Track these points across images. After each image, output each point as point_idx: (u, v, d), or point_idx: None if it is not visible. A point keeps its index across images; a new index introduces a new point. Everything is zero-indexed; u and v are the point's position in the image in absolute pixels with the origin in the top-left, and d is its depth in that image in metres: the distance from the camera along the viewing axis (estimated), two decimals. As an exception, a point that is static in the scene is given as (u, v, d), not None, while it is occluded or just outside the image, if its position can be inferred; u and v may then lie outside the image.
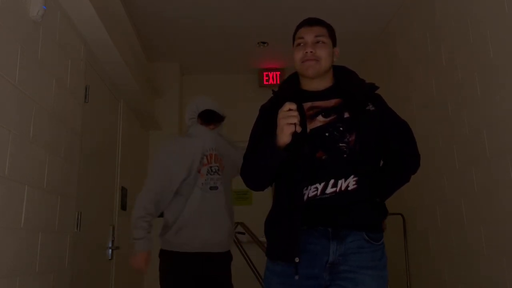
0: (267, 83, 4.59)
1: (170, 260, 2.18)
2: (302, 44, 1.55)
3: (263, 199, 4.65)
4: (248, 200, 4.61)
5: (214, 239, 2.17)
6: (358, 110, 1.50)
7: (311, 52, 1.51)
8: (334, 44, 1.60)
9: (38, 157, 1.99)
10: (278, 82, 4.58)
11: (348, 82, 1.58)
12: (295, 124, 1.36)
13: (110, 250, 3.05)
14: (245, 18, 3.72)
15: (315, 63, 1.52)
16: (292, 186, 1.46)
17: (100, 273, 2.97)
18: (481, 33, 2.46)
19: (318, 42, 1.53)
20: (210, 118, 2.32)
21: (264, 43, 4.14)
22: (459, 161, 2.72)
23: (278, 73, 4.63)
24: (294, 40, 1.60)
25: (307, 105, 1.52)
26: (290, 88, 1.59)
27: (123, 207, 3.47)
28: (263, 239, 3.87)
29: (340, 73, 1.61)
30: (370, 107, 1.51)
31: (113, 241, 3.07)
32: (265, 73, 4.61)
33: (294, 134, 1.38)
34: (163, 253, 2.22)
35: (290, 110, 1.37)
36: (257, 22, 3.79)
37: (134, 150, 3.92)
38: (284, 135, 1.37)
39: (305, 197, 1.44)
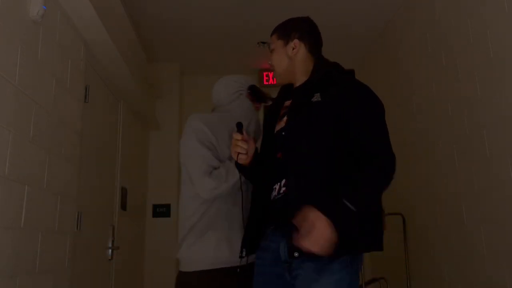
0: (267, 83, 4.59)
1: None
2: None
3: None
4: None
5: None
6: (293, 106, 1.48)
7: (270, 63, 1.65)
8: (287, 39, 1.59)
9: (38, 157, 1.99)
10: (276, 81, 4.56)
11: (312, 76, 1.53)
12: (239, 153, 1.49)
13: (110, 250, 3.05)
14: (245, 18, 3.72)
15: (274, 72, 1.64)
16: (258, 185, 1.56)
17: (100, 273, 2.97)
18: (481, 33, 2.46)
19: (270, 51, 1.64)
20: (262, 95, 1.88)
21: (264, 43, 4.13)
22: (459, 160, 2.72)
23: (278, 73, 4.62)
24: None
25: (287, 103, 1.57)
26: (285, 89, 1.66)
27: (123, 207, 3.47)
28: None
29: (317, 67, 1.55)
30: (315, 98, 1.41)
31: (113, 241, 3.07)
32: (265, 73, 4.61)
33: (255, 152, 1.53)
34: None
35: (236, 140, 1.49)
36: (257, 22, 3.79)
37: (134, 150, 3.92)
38: (238, 160, 1.51)
39: (271, 197, 1.46)
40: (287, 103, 1.56)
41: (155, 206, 4.28)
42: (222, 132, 1.69)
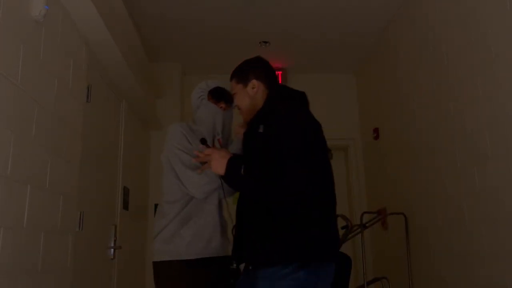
0: (268, 83, 4.59)
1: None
2: None
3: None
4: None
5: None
6: (247, 136, 1.72)
7: (235, 105, 1.85)
8: (246, 82, 1.78)
9: (40, 157, 2.00)
10: (280, 82, 4.57)
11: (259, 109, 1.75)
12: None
13: (112, 250, 3.05)
14: (246, 18, 3.73)
15: (240, 111, 1.81)
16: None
17: (102, 272, 2.98)
18: (482, 32, 2.45)
19: (233, 94, 1.83)
20: (221, 95, 2.03)
21: (265, 42, 4.15)
22: (461, 160, 2.72)
23: (279, 72, 4.63)
24: None
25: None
26: None
27: (125, 206, 3.48)
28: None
29: (266, 101, 1.75)
30: (260, 129, 1.63)
31: (115, 241, 3.08)
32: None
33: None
34: None
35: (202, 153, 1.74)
36: (259, 22, 3.79)
37: (136, 150, 3.93)
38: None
39: None
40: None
41: (157, 206, 4.28)
42: (195, 140, 1.88)
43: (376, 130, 4.27)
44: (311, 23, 3.82)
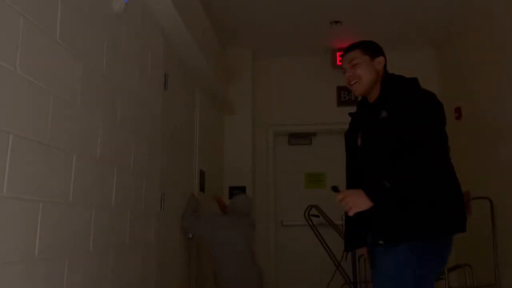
0: (340, 63, 4.47)
1: None
2: (344, 71, 1.86)
3: (337, 183, 4.59)
4: (322, 183, 4.58)
5: None
6: (368, 122, 1.76)
7: (350, 75, 1.80)
8: (373, 55, 1.81)
9: (125, 141, 2.15)
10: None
11: (382, 92, 1.78)
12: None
13: (191, 230, 3.21)
14: (317, -2, 3.64)
15: (358, 82, 1.78)
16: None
17: (182, 250, 3.15)
18: None
19: (354, 65, 1.79)
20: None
21: (337, 22, 4.03)
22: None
23: (352, 52, 4.48)
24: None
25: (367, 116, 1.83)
26: (361, 103, 1.92)
27: (202, 189, 3.63)
28: (337, 221, 3.84)
29: (385, 83, 1.80)
30: (383, 115, 1.68)
31: (193, 221, 3.22)
32: (338, 53, 4.48)
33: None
34: None
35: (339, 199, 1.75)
36: (329, 1, 3.69)
37: (211, 135, 4.06)
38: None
39: None
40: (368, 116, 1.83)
41: (231, 188, 4.42)
42: None
43: (458, 109, 3.99)
44: (385, -2, 3.64)
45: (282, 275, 4.45)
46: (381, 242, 1.68)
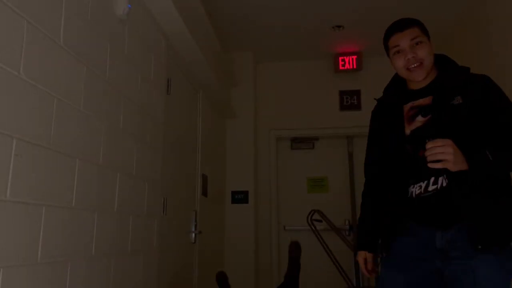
0: (343, 68, 4.48)
1: None
2: (399, 51, 1.58)
3: (339, 187, 4.59)
4: (324, 188, 4.57)
5: None
6: (439, 108, 1.52)
7: (413, 57, 1.55)
8: (429, 36, 1.61)
9: (127, 146, 2.15)
10: (355, 66, 4.44)
11: (444, 74, 1.59)
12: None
13: (194, 234, 3.21)
14: (318, 2, 3.65)
15: (420, 66, 1.55)
16: (399, 184, 1.59)
17: (185, 255, 3.15)
18: None
19: (416, 44, 1.56)
20: None
21: (339, 26, 4.04)
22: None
23: (354, 57, 4.49)
24: (387, 47, 1.65)
25: (407, 106, 1.61)
26: (395, 91, 1.69)
27: (204, 193, 3.63)
28: (340, 226, 3.83)
29: (440, 64, 1.62)
30: (456, 101, 1.49)
31: (195, 226, 3.23)
32: (340, 58, 4.50)
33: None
34: None
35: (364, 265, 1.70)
36: (331, 5, 3.70)
37: (213, 139, 4.06)
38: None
39: (413, 194, 1.56)
40: (410, 104, 1.61)
41: (233, 193, 4.41)
42: None
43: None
44: (387, 2, 3.65)
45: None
46: (490, 246, 1.39)
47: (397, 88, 1.69)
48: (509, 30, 3.05)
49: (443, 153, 1.35)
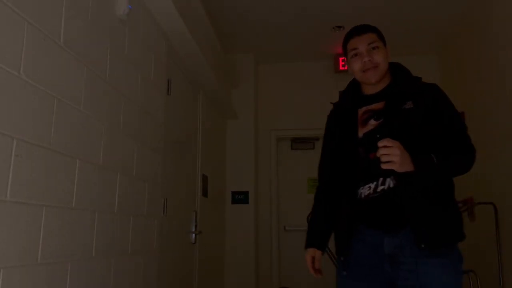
0: (343, 68, 4.48)
1: None
2: (357, 54, 1.64)
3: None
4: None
5: None
6: (391, 112, 1.59)
7: (369, 60, 1.61)
8: (384, 43, 1.68)
9: (127, 146, 2.15)
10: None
11: (397, 81, 1.67)
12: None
13: (194, 235, 3.21)
14: (319, 2, 3.65)
15: (375, 69, 1.62)
16: (351, 186, 1.62)
17: (185, 256, 3.14)
18: None
19: (373, 48, 1.63)
20: None
21: (339, 27, 4.04)
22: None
23: (354, 57, 4.49)
24: (346, 51, 1.71)
25: (362, 110, 1.67)
26: (351, 96, 1.75)
27: (205, 193, 3.63)
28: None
29: (394, 71, 1.69)
30: (408, 105, 1.56)
31: (196, 226, 3.22)
32: (341, 58, 4.49)
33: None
34: None
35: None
36: (332, 6, 3.70)
37: (213, 140, 4.06)
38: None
39: (362, 196, 1.58)
40: (365, 109, 1.67)
41: (233, 193, 4.41)
42: None
43: (461, 115, 3.99)
44: (387, 2, 3.64)
45: (285, 280, 4.43)
46: (434, 246, 1.45)
47: (353, 93, 1.75)
48: (510, 30, 3.04)
49: (390, 155, 1.39)
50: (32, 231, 1.40)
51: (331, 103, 1.86)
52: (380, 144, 1.41)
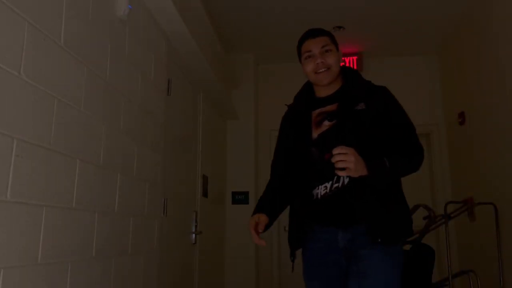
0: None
1: None
2: (310, 56, 1.70)
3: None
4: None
5: None
6: (344, 113, 1.64)
7: (321, 62, 1.67)
8: (337, 47, 1.74)
9: (127, 146, 2.15)
10: (356, 67, 4.44)
11: (349, 84, 1.73)
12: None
13: (194, 235, 3.21)
14: (319, 2, 3.65)
15: (327, 71, 1.67)
16: (305, 188, 1.67)
17: (185, 256, 3.14)
18: None
19: (326, 51, 1.68)
20: None
21: (340, 27, 4.04)
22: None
23: (355, 57, 4.49)
24: (300, 53, 1.76)
25: (315, 112, 1.72)
26: (305, 99, 1.80)
27: (205, 194, 3.63)
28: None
29: (346, 74, 1.75)
30: (360, 107, 1.62)
31: (196, 226, 3.22)
32: (343, 58, 4.50)
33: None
34: None
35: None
36: (332, 6, 3.70)
37: (214, 140, 4.06)
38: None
39: (318, 196, 1.63)
40: (318, 111, 1.72)
41: (234, 194, 4.41)
42: None
43: (461, 115, 3.99)
44: (388, 2, 3.64)
45: (285, 280, 4.43)
46: (380, 240, 1.54)
47: (307, 96, 1.80)
48: (510, 30, 3.04)
49: (345, 161, 1.47)
50: (32, 231, 1.40)
51: (285, 105, 1.93)
52: (335, 151, 1.47)
